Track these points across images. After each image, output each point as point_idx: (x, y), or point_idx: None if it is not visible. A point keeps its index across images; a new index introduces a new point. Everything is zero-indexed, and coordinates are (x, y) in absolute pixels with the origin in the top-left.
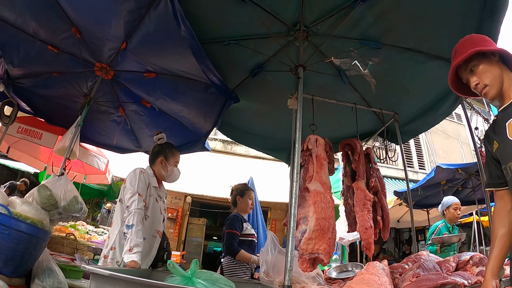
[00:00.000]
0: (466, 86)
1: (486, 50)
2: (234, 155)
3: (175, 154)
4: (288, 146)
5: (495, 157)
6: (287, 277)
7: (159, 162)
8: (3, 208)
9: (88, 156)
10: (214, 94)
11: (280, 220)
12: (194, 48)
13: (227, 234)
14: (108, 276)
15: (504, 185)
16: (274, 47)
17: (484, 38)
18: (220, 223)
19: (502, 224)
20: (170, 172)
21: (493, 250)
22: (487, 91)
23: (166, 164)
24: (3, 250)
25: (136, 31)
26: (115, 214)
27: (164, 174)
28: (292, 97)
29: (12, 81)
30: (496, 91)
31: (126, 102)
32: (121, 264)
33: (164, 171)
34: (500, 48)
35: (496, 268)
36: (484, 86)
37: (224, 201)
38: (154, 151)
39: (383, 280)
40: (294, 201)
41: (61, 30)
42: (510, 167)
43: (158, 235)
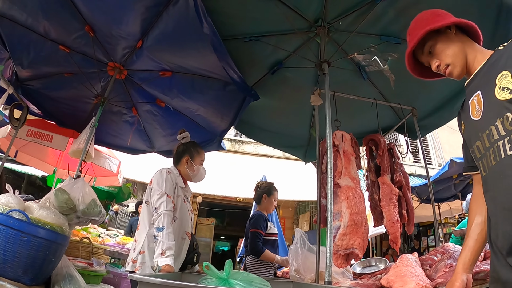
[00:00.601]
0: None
1: (438, 27)
2: (242, 154)
3: (200, 153)
4: (304, 143)
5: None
6: (327, 273)
7: (185, 162)
8: (20, 213)
9: (99, 158)
10: (232, 92)
11: (289, 218)
12: (216, 45)
13: (252, 233)
14: (160, 284)
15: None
16: (294, 44)
17: (436, 13)
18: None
19: (479, 211)
20: (196, 171)
21: (467, 240)
22: (450, 71)
23: (192, 163)
24: (22, 258)
25: (153, 28)
26: (141, 216)
27: (190, 173)
28: (315, 93)
29: (21, 83)
30: (461, 68)
31: (139, 102)
32: (157, 269)
33: (190, 171)
34: (454, 19)
35: (469, 261)
36: (446, 66)
37: (232, 201)
38: (178, 150)
39: (418, 271)
40: (330, 196)
41: (74, 29)
42: (475, 150)
43: (187, 237)
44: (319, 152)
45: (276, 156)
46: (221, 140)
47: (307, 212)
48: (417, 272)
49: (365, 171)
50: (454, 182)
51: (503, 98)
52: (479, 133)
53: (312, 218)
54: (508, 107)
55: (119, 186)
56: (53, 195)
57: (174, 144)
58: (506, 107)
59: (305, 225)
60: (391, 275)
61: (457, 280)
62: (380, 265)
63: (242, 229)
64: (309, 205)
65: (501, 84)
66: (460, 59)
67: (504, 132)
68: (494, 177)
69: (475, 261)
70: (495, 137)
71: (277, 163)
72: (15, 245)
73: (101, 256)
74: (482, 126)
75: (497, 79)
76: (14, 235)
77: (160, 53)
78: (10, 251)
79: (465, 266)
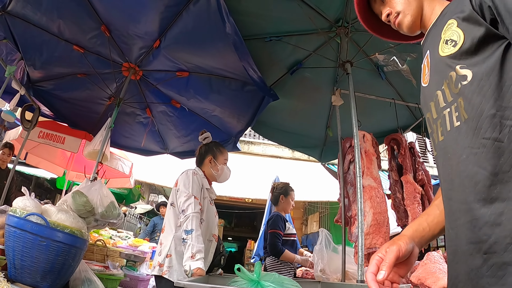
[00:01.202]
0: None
1: None
2: (251, 155)
3: (223, 152)
4: (320, 144)
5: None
6: (359, 272)
7: (208, 162)
8: (38, 217)
9: (112, 159)
10: (250, 92)
11: (298, 219)
12: (237, 45)
13: (271, 234)
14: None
15: None
16: (314, 44)
17: None
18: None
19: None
20: (221, 171)
21: (421, 216)
22: (400, 20)
23: (215, 163)
24: (41, 263)
25: (172, 28)
26: (166, 219)
27: (215, 173)
28: (336, 93)
29: (32, 84)
30: (412, 18)
31: (154, 103)
32: (189, 273)
33: (214, 171)
34: None
35: (416, 232)
36: (396, 14)
37: (241, 202)
38: (201, 151)
39: (445, 267)
40: (360, 195)
41: (89, 29)
42: (427, 124)
43: (214, 239)
44: (341, 152)
45: (285, 157)
46: (237, 141)
47: (316, 212)
48: (445, 268)
49: (388, 171)
50: None
51: (445, 53)
52: (428, 102)
53: (321, 219)
54: (450, 65)
55: (129, 188)
56: (71, 198)
57: (188, 146)
58: (449, 65)
59: (314, 225)
60: (420, 273)
61: (401, 240)
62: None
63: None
64: (318, 206)
65: (445, 37)
66: (413, 8)
67: (451, 97)
68: (442, 158)
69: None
70: (441, 105)
71: (286, 164)
72: (33, 250)
73: (115, 258)
74: (430, 93)
75: (443, 31)
76: (32, 240)
77: (178, 53)
78: (28, 256)
79: (415, 234)
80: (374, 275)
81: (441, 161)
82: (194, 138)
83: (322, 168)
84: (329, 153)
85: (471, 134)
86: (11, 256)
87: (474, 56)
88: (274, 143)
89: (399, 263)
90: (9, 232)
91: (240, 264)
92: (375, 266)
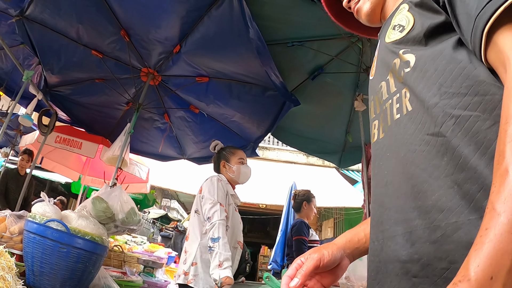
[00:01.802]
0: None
1: None
2: (265, 161)
3: (235, 153)
4: (339, 149)
5: None
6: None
7: (223, 167)
8: (59, 224)
9: (129, 165)
10: (271, 98)
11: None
12: (260, 50)
13: (296, 241)
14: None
15: None
16: (336, 49)
17: None
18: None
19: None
20: (237, 171)
21: (359, 225)
22: (359, 7)
23: (229, 166)
24: (61, 270)
25: (193, 33)
26: (190, 226)
27: (232, 176)
28: (358, 99)
29: (49, 89)
30: (372, 5)
31: (172, 108)
32: (219, 282)
33: (230, 173)
34: None
35: (349, 242)
36: (357, 0)
37: (255, 207)
38: (215, 160)
39: None
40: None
41: (108, 34)
42: (370, 118)
43: (239, 246)
44: (365, 158)
45: (299, 162)
46: (255, 147)
47: (331, 218)
48: None
49: None
50: None
51: (390, 39)
52: (372, 96)
53: (336, 225)
54: (394, 51)
55: (144, 193)
56: (91, 204)
57: (205, 151)
58: (393, 51)
59: (328, 231)
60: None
61: (328, 248)
62: None
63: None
64: (333, 212)
65: (394, 22)
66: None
67: (395, 87)
68: (379, 158)
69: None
70: (384, 97)
71: (300, 170)
72: (53, 256)
73: (132, 264)
74: (374, 85)
75: (394, 16)
76: (52, 246)
77: (199, 58)
78: (48, 263)
79: (347, 245)
80: (290, 279)
81: (378, 162)
82: None
83: (337, 173)
84: (348, 159)
85: (413, 129)
86: (30, 263)
87: (420, 45)
88: (288, 149)
89: (325, 272)
90: (28, 238)
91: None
92: (294, 270)
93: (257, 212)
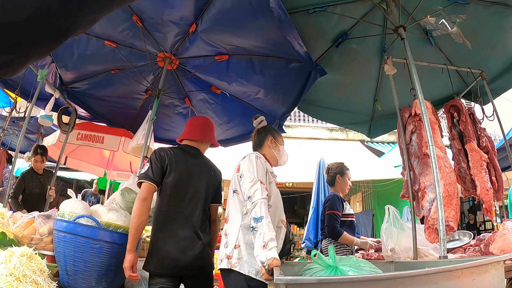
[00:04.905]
0: None
1: None
2: (288, 139)
3: (280, 134)
4: (368, 119)
5: None
6: (442, 248)
7: (269, 143)
8: (89, 219)
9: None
10: (295, 70)
11: None
12: (282, 18)
13: (328, 215)
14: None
15: None
16: (359, 12)
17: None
18: None
19: None
20: (282, 151)
21: None
22: None
23: (276, 144)
24: (95, 267)
25: (208, 8)
26: (229, 207)
27: (276, 154)
28: (388, 62)
29: (65, 87)
30: None
31: (193, 91)
32: (266, 264)
33: (276, 151)
34: None
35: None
36: None
37: (281, 187)
38: (259, 135)
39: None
40: (435, 166)
41: (120, 21)
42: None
43: (283, 225)
44: (401, 123)
45: (323, 138)
46: (282, 124)
47: (359, 192)
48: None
49: (449, 139)
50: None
51: None
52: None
53: (365, 199)
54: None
55: None
56: (120, 196)
57: (230, 132)
58: None
59: (357, 206)
60: (501, 244)
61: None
62: (464, 238)
63: (291, 215)
64: (361, 186)
65: None
66: None
67: None
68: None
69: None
70: None
71: (324, 145)
72: (86, 253)
73: None
74: None
75: None
76: (84, 243)
77: (217, 35)
78: (81, 261)
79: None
80: None
81: None
82: (236, 125)
83: (362, 146)
84: (378, 127)
85: None
86: (62, 262)
87: None
88: (311, 125)
89: None
90: (58, 238)
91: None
92: None
93: (284, 192)
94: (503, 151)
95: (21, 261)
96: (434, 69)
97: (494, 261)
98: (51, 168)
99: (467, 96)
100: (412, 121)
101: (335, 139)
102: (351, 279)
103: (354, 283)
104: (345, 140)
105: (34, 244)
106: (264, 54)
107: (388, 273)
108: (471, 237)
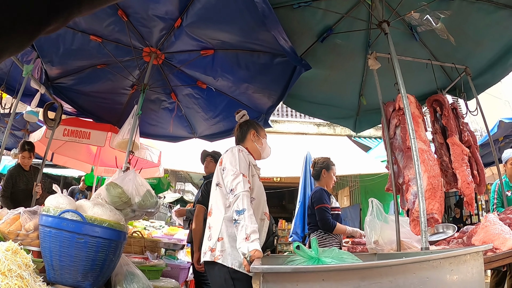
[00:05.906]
0: None
1: None
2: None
3: (262, 128)
4: (354, 113)
5: None
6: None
7: (252, 136)
8: (74, 214)
9: (140, 149)
10: (281, 64)
11: None
12: (266, 13)
13: (319, 209)
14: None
15: None
16: (344, 7)
17: None
18: None
19: None
20: (264, 145)
21: None
22: None
23: (259, 137)
24: (81, 262)
25: (193, 3)
26: (212, 200)
27: (259, 147)
28: (371, 57)
29: (51, 82)
30: None
31: (179, 86)
32: (248, 256)
33: (259, 145)
34: None
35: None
36: None
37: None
38: (242, 128)
39: (505, 228)
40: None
41: (105, 16)
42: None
43: (266, 218)
44: (384, 117)
45: (310, 133)
46: (267, 118)
47: (346, 187)
48: (505, 229)
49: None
50: (499, 145)
51: None
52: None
53: (352, 193)
54: None
55: (158, 177)
56: (105, 190)
57: (217, 127)
58: None
59: (345, 200)
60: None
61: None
62: (448, 231)
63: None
64: (348, 180)
65: None
66: None
67: None
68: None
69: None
70: None
71: (312, 140)
72: (71, 248)
73: (154, 249)
74: None
75: None
76: (69, 238)
77: (202, 29)
78: (67, 256)
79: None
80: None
81: None
82: (223, 119)
83: (349, 141)
84: (363, 122)
85: None
86: (48, 258)
87: None
88: (298, 120)
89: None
90: (44, 233)
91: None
92: None
93: (272, 186)
94: (488, 146)
95: (6, 255)
96: (419, 65)
97: (472, 251)
98: (37, 165)
99: (452, 92)
100: (396, 115)
101: (323, 134)
102: (327, 268)
103: (330, 272)
104: (332, 135)
105: (20, 240)
106: (249, 48)
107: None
108: (455, 230)
